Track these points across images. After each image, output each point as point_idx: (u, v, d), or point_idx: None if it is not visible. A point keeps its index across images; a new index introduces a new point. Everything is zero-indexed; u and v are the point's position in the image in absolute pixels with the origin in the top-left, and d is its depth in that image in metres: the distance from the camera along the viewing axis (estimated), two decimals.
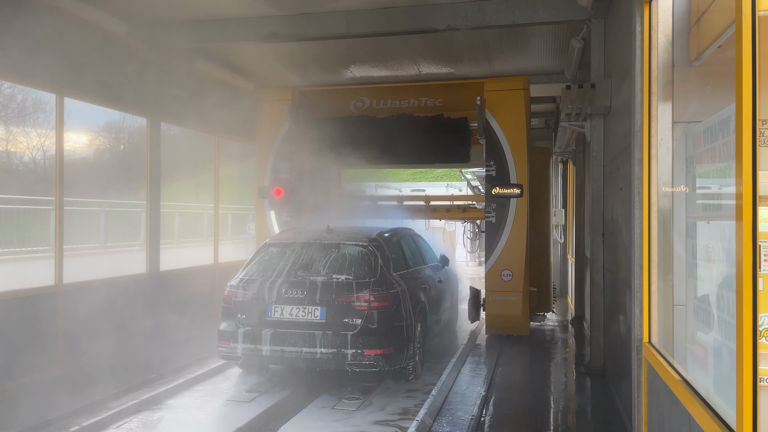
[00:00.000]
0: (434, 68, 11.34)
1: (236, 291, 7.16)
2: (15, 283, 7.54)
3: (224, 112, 11.02)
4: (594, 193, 7.75)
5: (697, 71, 4.19)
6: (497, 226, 9.51)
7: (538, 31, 9.38)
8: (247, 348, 6.90)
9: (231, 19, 8.78)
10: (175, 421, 6.05)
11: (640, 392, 4.65)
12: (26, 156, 10.90)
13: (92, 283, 8.00)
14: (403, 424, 5.89)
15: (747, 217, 2.39)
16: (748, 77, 2.42)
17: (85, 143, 11.07)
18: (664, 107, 4.41)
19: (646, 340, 4.54)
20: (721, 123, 2.97)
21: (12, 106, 9.82)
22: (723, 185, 3.01)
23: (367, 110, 10.74)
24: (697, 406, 3.09)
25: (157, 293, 9.14)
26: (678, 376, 3.60)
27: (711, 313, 3.15)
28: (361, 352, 6.59)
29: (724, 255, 2.91)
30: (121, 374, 7.33)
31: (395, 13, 8.31)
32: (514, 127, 9.53)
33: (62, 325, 7.41)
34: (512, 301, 9.46)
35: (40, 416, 5.89)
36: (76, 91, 7.74)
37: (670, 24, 4.36)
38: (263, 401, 6.67)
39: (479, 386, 6.99)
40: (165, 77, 9.42)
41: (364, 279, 6.92)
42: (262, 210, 10.63)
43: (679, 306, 4.03)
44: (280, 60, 10.89)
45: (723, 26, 3.35)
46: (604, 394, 6.79)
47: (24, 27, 6.95)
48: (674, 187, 4.23)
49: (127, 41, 8.62)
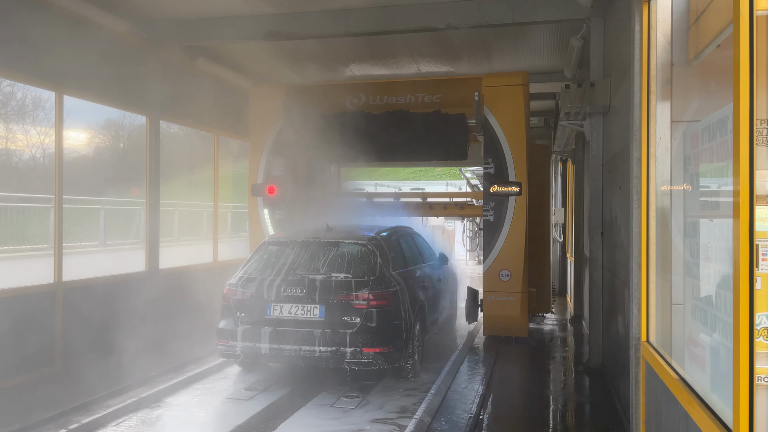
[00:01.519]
0: (434, 67, 11.35)
1: (235, 289, 7.17)
2: (15, 280, 7.56)
3: (223, 110, 11.02)
4: (593, 192, 7.76)
5: (695, 70, 4.19)
6: (495, 225, 9.34)
7: (538, 30, 9.38)
8: (246, 346, 6.91)
9: (230, 18, 8.78)
10: (174, 419, 6.05)
11: (638, 391, 4.66)
12: (26, 154, 10.91)
13: (92, 281, 8.00)
14: (402, 423, 5.90)
15: (744, 216, 2.40)
16: (746, 76, 2.42)
17: (85, 141, 11.08)
18: (663, 106, 4.41)
19: (644, 339, 4.55)
20: (718, 122, 2.97)
21: (11, 103, 9.82)
22: (721, 184, 3.02)
23: (363, 106, 10.47)
24: (694, 405, 3.10)
25: (157, 291, 9.15)
26: (675, 374, 3.61)
27: (708, 312, 3.15)
28: (359, 351, 6.60)
29: (722, 254, 2.92)
30: (119, 372, 7.34)
31: (395, 11, 8.30)
32: (513, 123, 9.32)
33: (61, 322, 7.42)
34: (510, 302, 9.30)
35: (39, 413, 5.89)
36: (75, 88, 7.74)
37: (669, 23, 4.37)
38: (262, 399, 6.68)
39: (478, 385, 7.00)
40: (164, 75, 9.42)
41: (363, 277, 6.92)
42: (255, 208, 10.43)
43: (677, 305, 4.04)
44: (279, 58, 10.89)
45: (721, 26, 3.35)
46: (603, 393, 6.80)
47: (24, 25, 6.95)
48: (672, 186, 4.24)
49: (126, 39, 8.62)
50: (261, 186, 10.24)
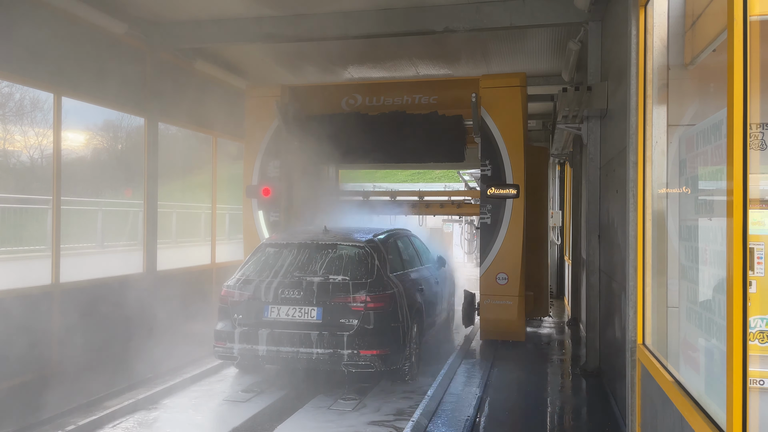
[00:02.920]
0: (432, 69, 11.37)
1: (233, 291, 7.17)
2: (12, 282, 7.56)
3: (221, 112, 11.03)
4: (590, 195, 7.78)
5: (691, 74, 4.22)
6: (492, 228, 9.21)
7: (536, 33, 9.40)
8: (243, 348, 6.91)
9: (229, 20, 8.80)
10: (171, 421, 6.05)
11: (633, 393, 4.67)
12: (23, 155, 10.90)
13: (89, 283, 8.01)
14: (399, 425, 5.91)
15: (738, 220, 2.42)
16: (740, 81, 2.44)
17: (83, 142, 11.07)
18: (659, 110, 4.43)
19: (640, 342, 4.57)
20: (713, 126, 2.99)
21: (9, 104, 9.82)
22: (715, 188, 3.04)
23: (360, 107, 10.36)
24: (689, 408, 3.12)
25: (154, 293, 9.15)
26: (671, 377, 3.62)
27: (703, 315, 3.17)
28: (357, 353, 6.61)
29: (716, 258, 2.94)
30: (116, 373, 7.34)
31: (393, 14, 8.32)
32: (511, 125, 9.18)
33: (58, 324, 7.42)
34: (507, 306, 9.15)
35: (36, 415, 5.89)
36: (74, 90, 7.75)
37: (665, 27, 4.39)
38: (259, 401, 6.68)
39: (475, 387, 7.01)
40: (163, 77, 9.43)
41: (361, 280, 6.93)
42: (249, 210, 10.27)
43: (672, 308, 4.06)
44: (277, 61, 10.91)
45: (717, 30, 3.37)
46: (600, 396, 6.81)
47: (23, 27, 6.96)
48: (668, 190, 4.26)
49: (125, 41, 8.64)
50: (256, 188, 10.09)
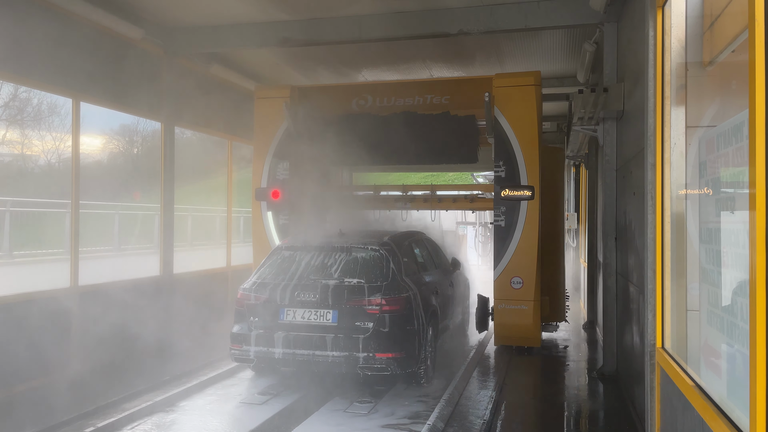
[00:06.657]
0: (446, 71, 11.36)
1: (249, 294, 7.20)
2: (32, 285, 7.64)
3: (237, 116, 11.09)
4: (607, 197, 7.72)
5: (710, 75, 4.18)
6: (507, 230, 8.97)
7: (550, 34, 9.35)
8: (259, 351, 6.94)
9: (244, 25, 8.86)
10: (189, 423, 6.09)
11: (653, 397, 4.63)
12: (41, 159, 11.04)
13: (107, 286, 8.08)
14: (415, 428, 5.89)
15: (760, 222, 2.38)
16: (761, 81, 2.41)
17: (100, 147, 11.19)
18: (678, 111, 4.39)
19: (659, 345, 4.53)
20: (734, 128, 2.96)
21: (27, 109, 9.95)
22: (737, 190, 3.00)
23: (370, 108, 10.12)
24: (710, 412, 3.08)
25: (171, 296, 9.21)
26: (691, 381, 3.58)
27: (725, 318, 3.13)
28: (372, 356, 6.61)
29: (738, 260, 2.90)
30: (134, 376, 7.39)
31: (407, 17, 8.33)
32: (525, 125, 8.94)
33: (77, 326, 7.49)
34: (522, 311, 8.88)
35: (54, 417, 5.95)
36: (92, 95, 7.84)
37: (683, 28, 4.35)
38: (275, 404, 6.70)
39: (491, 391, 6.97)
40: (179, 82, 9.51)
41: (376, 282, 6.93)
42: (259, 213, 10.13)
43: (692, 311, 4.01)
44: (292, 64, 10.96)
45: (736, 31, 3.33)
46: (617, 400, 6.75)
47: (41, 33, 7.06)
48: (687, 192, 4.22)
49: (142, 46, 8.72)
50: (265, 190, 9.97)
